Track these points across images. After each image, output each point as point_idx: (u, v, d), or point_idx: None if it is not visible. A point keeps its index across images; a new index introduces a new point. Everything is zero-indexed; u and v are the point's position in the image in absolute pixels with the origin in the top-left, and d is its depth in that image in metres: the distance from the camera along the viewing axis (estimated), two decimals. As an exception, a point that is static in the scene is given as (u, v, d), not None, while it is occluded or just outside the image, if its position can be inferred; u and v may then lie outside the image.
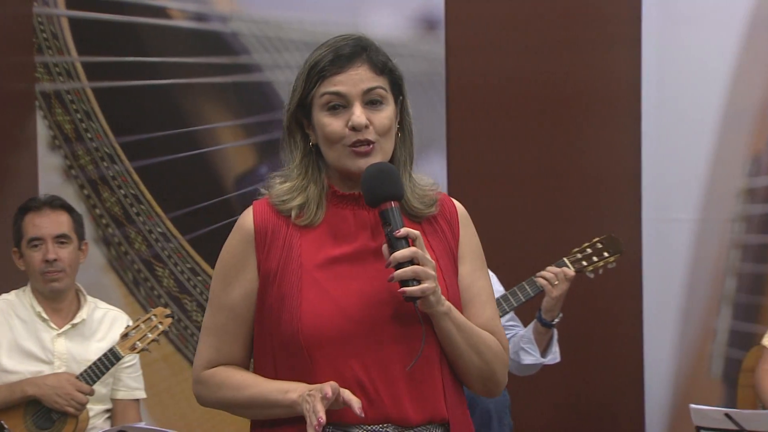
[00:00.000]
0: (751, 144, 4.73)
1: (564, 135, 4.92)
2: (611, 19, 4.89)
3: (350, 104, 2.28)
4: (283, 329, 2.25)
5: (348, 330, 2.24)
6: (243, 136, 5.08)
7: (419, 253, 2.21)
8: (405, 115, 2.36)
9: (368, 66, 2.30)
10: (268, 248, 2.30)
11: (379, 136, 2.28)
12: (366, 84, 2.28)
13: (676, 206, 4.85)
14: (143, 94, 5.06)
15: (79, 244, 4.03)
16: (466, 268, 2.37)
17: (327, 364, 2.23)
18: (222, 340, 2.33)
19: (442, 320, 2.26)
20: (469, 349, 2.30)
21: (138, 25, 5.06)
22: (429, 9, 4.93)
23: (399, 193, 2.27)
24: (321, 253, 2.29)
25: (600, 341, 4.87)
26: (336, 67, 2.28)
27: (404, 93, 2.36)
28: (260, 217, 2.32)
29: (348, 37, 2.33)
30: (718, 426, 3.27)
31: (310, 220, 2.30)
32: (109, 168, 5.10)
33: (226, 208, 5.04)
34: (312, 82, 2.30)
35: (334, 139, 2.28)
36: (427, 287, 2.21)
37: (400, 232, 2.21)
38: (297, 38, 4.97)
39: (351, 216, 2.32)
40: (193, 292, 5.05)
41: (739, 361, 4.43)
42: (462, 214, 2.41)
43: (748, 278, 4.74)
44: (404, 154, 2.35)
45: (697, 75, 4.78)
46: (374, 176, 2.25)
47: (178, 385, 5.03)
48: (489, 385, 2.35)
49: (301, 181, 2.33)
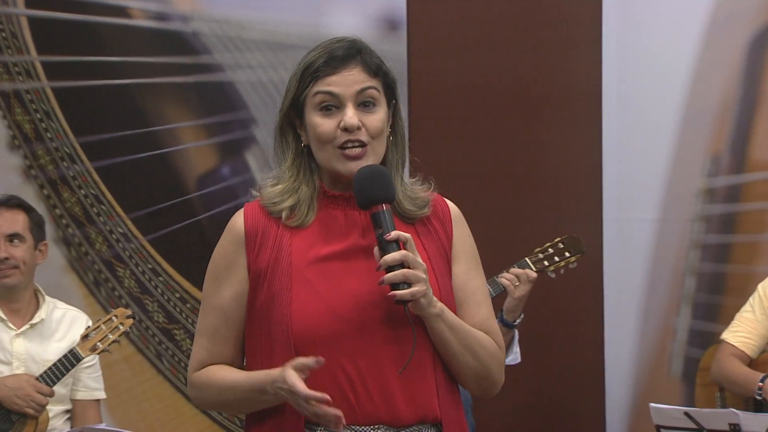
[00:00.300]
0: (711, 144, 4.77)
1: (525, 135, 4.94)
2: (572, 20, 4.91)
3: (343, 105, 2.29)
4: (274, 328, 2.25)
5: (338, 329, 2.24)
6: (204, 136, 5.06)
7: (410, 256, 2.22)
8: (397, 118, 2.37)
9: (362, 68, 2.31)
10: (258, 249, 2.30)
11: (372, 138, 2.29)
12: (359, 85, 2.29)
13: (637, 206, 4.88)
14: (104, 94, 5.04)
15: (36, 244, 4.01)
16: (460, 268, 2.38)
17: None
18: (213, 341, 2.34)
19: (435, 322, 2.27)
20: (464, 350, 2.30)
21: (98, 25, 5.03)
22: (391, 9, 4.93)
23: (390, 195, 2.28)
24: (311, 253, 2.29)
25: (561, 341, 4.89)
26: (330, 67, 2.29)
27: (397, 97, 2.37)
28: (251, 219, 2.33)
29: (343, 39, 2.34)
30: (678, 425, 3.29)
31: (301, 221, 2.31)
32: (70, 168, 5.07)
33: (187, 208, 5.02)
34: (305, 82, 2.31)
35: (325, 139, 2.29)
36: (417, 290, 2.21)
37: (391, 235, 2.22)
38: (259, 38, 4.96)
39: (342, 216, 2.32)
40: (155, 292, 5.03)
41: (698, 361, 4.47)
42: (455, 214, 2.42)
43: (708, 278, 4.77)
44: (396, 158, 2.36)
45: (657, 76, 4.81)
46: (366, 179, 2.26)
47: (140, 385, 5.01)
48: (485, 384, 2.36)
49: (293, 182, 2.33)
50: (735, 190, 4.72)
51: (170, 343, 5.02)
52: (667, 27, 4.80)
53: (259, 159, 4.99)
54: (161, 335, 5.02)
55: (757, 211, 4.67)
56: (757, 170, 4.67)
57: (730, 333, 4.05)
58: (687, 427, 3.28)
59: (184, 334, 5.03)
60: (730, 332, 4.06)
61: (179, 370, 5.00)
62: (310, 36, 4.95)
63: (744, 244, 4.71)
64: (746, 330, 4.02)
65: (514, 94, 4.92)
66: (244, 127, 5.02)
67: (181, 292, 5.03)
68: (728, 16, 4.70)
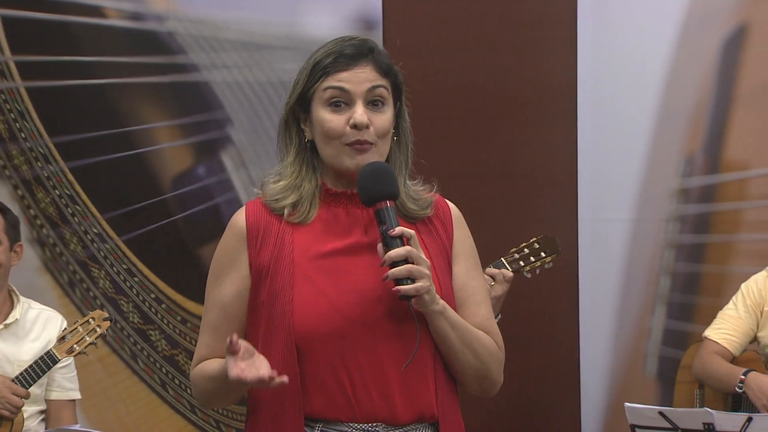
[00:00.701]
0: (685, 145, 4.79)
1: (501, 136, 4.95)
2: (547, 21, 4.92)
3: (352, 102, 2.29)
4: (275, 325, 2.26)
5: (340, 326, 2.25)
6: (180, 136, 5.05)
7: (414, 251, 2.23)
8: (401, 120, 2.39)
9: (373, 66, 2.32)
10: (260, 245, 2.31)
11: (378, 138, 2.30)
12: (370, 83, 2.30)
13: (612, 206, 4.89)
14: (78, 94, 5.01)
15: (12, 245, 3.99)
16: (461, 268, 2.39)
17: (318, 360, 2.24)
18: (214, 338, 2.34)
19: (437, 319, 2.28)
20: (465, 348, 2.31)
21: (73, 24, 5.01)
22: (367, 9, 4.93)
23: (395, 192, 2.28)
24: (313, 249, 2.30)
25: (537, 341, 4.90)
26: (342, 64, 2.30)
27: (402, 99, 2.39)
28: (252, 216, 2.34)
29: (354, 37, 2.35)
30: (653, 424, 3.30)
31: (303, 217, 2.31)
32: (44, 168, 5.04)
33: (162, 208, 5.00)
34: (316, 77, 2.30)
35: (333, 135, 2.29)
36: (422, 286, 2.22)
37: (395, 231, 2.23)
38: (234, 38, 4.95)
39: (344, 214, 2.33)
40: (129, 293, 5.01)
41: (673, 360, 4.48)
42: (456, 215, 2.44)
43: (682, 277, 4.79)
44: (400, 158, 2.38)
45: (631, 77, 4.83)
46: (370, 175, 2.27)
47: (114, 386, 4.99)
48: (485, 384, 2.38)
49: (295, 179, 2.33)
50: (709, 190, 4.75)
51: (145, 343, 5.01)
52: (642, 28, 4.81)
53: (235, 159, 4.98)
54: (136, 336, 5.00)
55: (731, 212, 4.69)
56: (731, 170, 4.69)
57: (713, 330, 4.05)
58: (661, 426, 3.29)
59: (159, 334, 5.01)
60: (713, 329, 4.06)
61: (154, 371, 4.99)
62: (286, 36, 4.94)
63: (718, 244, 4.73)
64: (729, 327, 4.02)
65: (489, 95, 4.93)
66: (220, 127, 5.01)
67: (157, 292, 5.01)
68: (702, 17, 4.72)
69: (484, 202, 4.88)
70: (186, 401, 4.98)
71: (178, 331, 5.02)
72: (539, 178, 4.94)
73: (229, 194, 5.01)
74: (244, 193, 4.98)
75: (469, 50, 4.91)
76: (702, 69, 4.72)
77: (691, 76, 4.75)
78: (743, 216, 4.65)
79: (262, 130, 4.97)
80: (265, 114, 4.99)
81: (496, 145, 4.94)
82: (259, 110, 4.99)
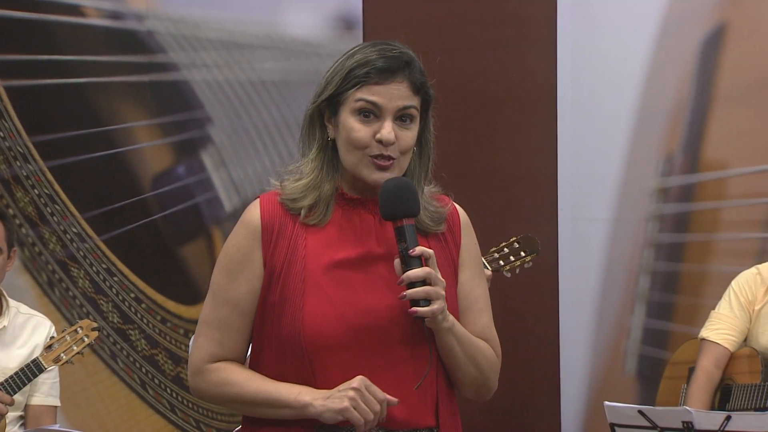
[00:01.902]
0: (664, 144, 4.80)
1: (480, 135, 4.95)
2: (527, 20, 4.93)
3: (382, 116, 2.30)
4: (284, 330, 2.27)
5: (351, 339, 2.26)
6: (160, 135, 5.04)
7: (432, 273, 2.24)
8: (426, 132, 2.40)
9: (408, 83, 2.32)
10: (274, 245, 2.31)
11: (401, 154, 2.31)
12: (402, 102, 2.31)
13: (591, 206, 4.91)
14: (57, 93, 5.00)
15: (9, 252, 3.98)
16: (466, 276, 2.41)
17: (326, 369, 2.26)
18: (225, 334, 2.34)
19: (446, 335, 2.30)
20: (467, 360, 2.34)
21: (52, 23, 4.99)
22: (347, 9, 4.93)
23: (416, 210, 2.29)
24: (326, 256, 2.30)
25: (517, 340, 4.90)
26: (378, 77, 2.29)
27: (429, 112, 2.40)
28: (267, 213, 2.33)
29: (394, 47, 2.34)
30: (632, 423, 3.31)
31: (318, 220, 2.32)
32: (23, 167, 5.02)
33: (142, 208, 4.99)
34: (350, 84, 2.30)
35: (358, 145, 2.29)
36: (438, 308, 2.24)
37: (416, 251, 2.24)
38: (214, 37, 4.94)
39: (358, 220, 2.33)
40: (109, 292, 5.00)
41: (653, 359, 4.50)
42: (464, 222, 2.46)
43: (662, 276, 4.81)
44: (420, 170, 2.39)
45: (611, 76, 4.85)
46: (393, 192, 2.27)
47: (94, 386, 4.98)
48: (482, 391, 2.42)
49: (315, 178, 2.33)
50: (688, 189, 4.76)
51: (125, 343, 4.99)
52: (621, 28, 4.83)
53: (215, 158, 4.98)
54: (116, 335, 4.99)
55: (709, 211, 4.70)
56: (710, 170, 4.71)
57: (711, 331, 4.04)
58: (641, 425, 3.30)
59: (139, 334, 5.00)
60: (710, 330, 4.04)
61: (134, 371, 4.98)
62: (266, 35, 4.94)
63: (697, 243, 4.75)
64: (726, 326, 4.02)
65: (469, 94, 4.93)
66: (200, 126, 5.00)
67: (136, 292, 5.00)
68: (681, 18, 4.74)
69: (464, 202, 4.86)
70: (166, 401, 4.97)
71: (158, 330, 5.01)
72: (519, 178, 4.95)
73: (209, 193, 5.00)
74: (224, 192, 4.97)
75: (449, 50, 4.92)
76: (681, 69, 4.74)
77: (670, 76, 4.76)
78: (722, 215, 4.67)
79: (242, 129, 4.96)
80: (245, 113, 4.98)
81: (476, 144, 4.94)
82: (239, 109, 4.98)
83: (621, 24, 4.83)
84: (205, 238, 5.01)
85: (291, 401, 2.25)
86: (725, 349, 3.99)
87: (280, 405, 2.27)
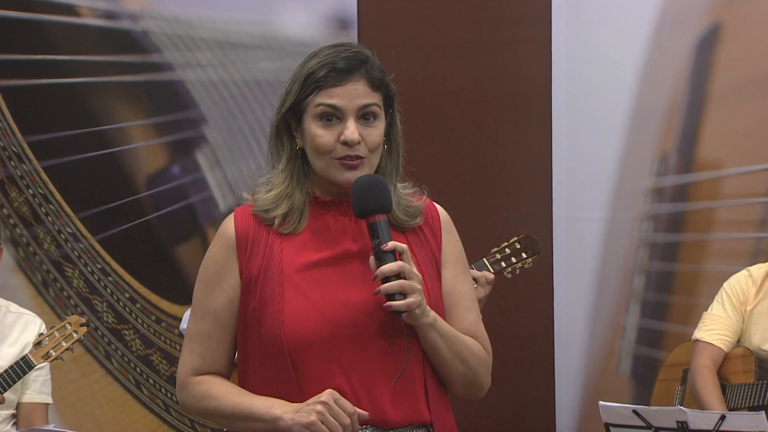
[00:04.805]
0: (659, 144, 4.81)
1: (475, 135, 4.96)
2: (521, 20, 4.93)
3: (344, 118, 2.29)
4: (266, 334, 2.27)
5: (330, 334, 2.26)
6: (154, 135, 5.04)
7: (406, 267, 2.25)
8: (393, 127, 2.39)
9: (365, 81, 2.31)
10: (249, 254, 2.32)
11: (369, 152, 2.31)
12: (362, 100, 2.30)
13: (586, 205, 4.91)
14: (52, 93, 4.99)
15: None
16: (449, 273, 2.40)
17: (309, 368, 2.26)
18: (206, 347, 2.35)
19: (428, 331, 2.29)
20: (454, 357, 2.33)
21: (46, 23, 4.99)
22: (342, 8, 4.93)
23: (388, 206, 2.29)
24: (302, 258, 2.31)
25: (511, 339, 4.91)
26: (334, 79, 2.29)
27: (394, 107, 2.38)
28: (241, 225, 2.34)
29: (348, 47, 2.33)
30: (627, 422, 3.32)
31: (293, 228, 2.32)
32: (17, 167, 5.02)
33: (137, 207, 4.99)
34: (308, 90, 2.30)
35: (323, 151, 2.30)
36: (413, 301, 2.24)
37: (388, 246, 2.25)
38: (208, 37, 4.94)
39: (332, 221, 2.34)
40: (104, 292, 5.00)
41: (647, 358, 4.50)
42: (444, 220, 2.46)
43: (656, 276, 4.81)
44: (391, 166, 2.39)
45: (605, 76, 4.85)
46: (364, 189, 2.28)
47: (88, 386, 4.98)
48: (473, 388, 2.40)
49: (286, 187, 2.33)
50: (683, 189, 4.77)
51: (119, 343, 4.99)
52: (615, 27, 4.83)
53: (210, 158, 4.97)
54: (110, 336, 4.99)
55: (704, 210, 4.71)
56: (705, 170, 4.71)
57: (705, 332, 4.04)
58: (635, 424, 3.30)
59: (133, 334, 5.00)
60: (704, 331, 4.05)
61: (129, 371, 4.97)
62: (260, 35, 4.94)
63: (692, 243, 4.76)
64: (720, 327, 4.02)
65: (463, 94, 4.94)
66: (194, 126, 5.00)
67: (131, 292, 5.00)
68: (676, 17, 4.75)
69: (458, 202, 4.88)
70: (160, 401, 4.97)
71: (152, 330, 5.01)
72: (514, 178, 4.95)
73: (204, 193, 5.00)
74: (219, 192, 4.97)
75: (443, 50, 4.92)
76: (676, 68, 4.75)
77: (664, 76, 4.77)
78: (717, 215, 4.67)
79: (236, 129, 4.96)
80: (239, 113, 4.98)
81: (471, 144, 4.94)
82: (233, 109, 4.98)
83: (615, 24, 4.83)
84: (200, 238, 5.01)
85: (263, 414, 2.26)
86: (720, 350, 4.00)
87: (254, 419, 2.27)
